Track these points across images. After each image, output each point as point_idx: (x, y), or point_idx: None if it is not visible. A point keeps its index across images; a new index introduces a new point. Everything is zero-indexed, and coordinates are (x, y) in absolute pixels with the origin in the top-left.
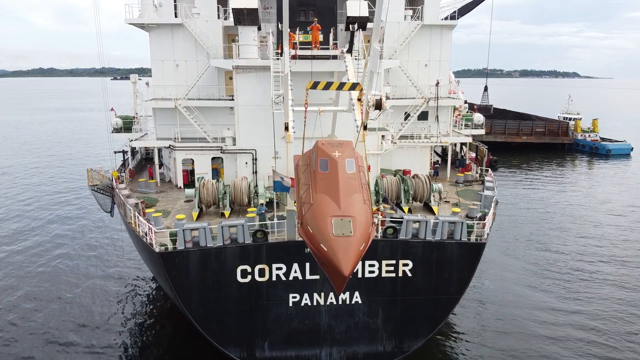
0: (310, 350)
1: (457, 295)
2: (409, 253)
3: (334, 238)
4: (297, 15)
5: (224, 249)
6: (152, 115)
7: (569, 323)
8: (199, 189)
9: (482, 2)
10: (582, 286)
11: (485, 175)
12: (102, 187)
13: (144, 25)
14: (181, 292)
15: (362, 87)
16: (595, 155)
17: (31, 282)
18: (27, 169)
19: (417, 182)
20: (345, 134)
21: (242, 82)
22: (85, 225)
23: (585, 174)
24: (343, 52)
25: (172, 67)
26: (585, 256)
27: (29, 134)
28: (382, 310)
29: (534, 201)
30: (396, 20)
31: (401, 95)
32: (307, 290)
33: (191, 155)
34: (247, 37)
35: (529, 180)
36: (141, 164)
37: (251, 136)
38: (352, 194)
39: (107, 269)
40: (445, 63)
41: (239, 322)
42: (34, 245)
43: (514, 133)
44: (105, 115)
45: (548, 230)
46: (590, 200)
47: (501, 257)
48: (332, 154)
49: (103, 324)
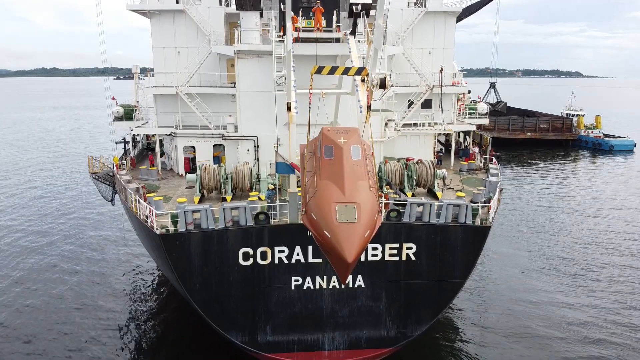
0: (312, 334)
1: (461, 280)
2: (412, 236)
3: (338, 224)
4: (300, 1)
5: (226, 231)
6: (154, 102)
7: (573, 308)
8: (200, 174)
9: (488, 3)
10: (585, 274)
11: (489, 163)
12: (103, 175)
13: (145, 11)
14: (182, 275)
15: (367, 71)
16: (598, 152)
17: (31, 268)
18: (32, 163)
19: (421, 168)
20: (348, 119)
21: (244, 67)
22: (86, 214)
23: (589, 169)
24: (346, 35)
25: (173, 54)
26: (587, 246)
27: (36, 130)
28: (385, 294)
29: (538, 196)
30: (399, 7)
31: (404, 83)
32: (310, 273)
33: (192, 142)
34: (249, 23)
35: (533, 175)
36: (142, 154)
37: (253, 123)
38: (357, 181)
39: (107, 256)
40: (449, 50)
41: (241, 305)
42: (38, 234)
43: (518, 129)
44: (107, 111)
45: (552, 222)
46: (594, 194)
47: (506, 247)
48: (337, 140)
49: (102, 310)
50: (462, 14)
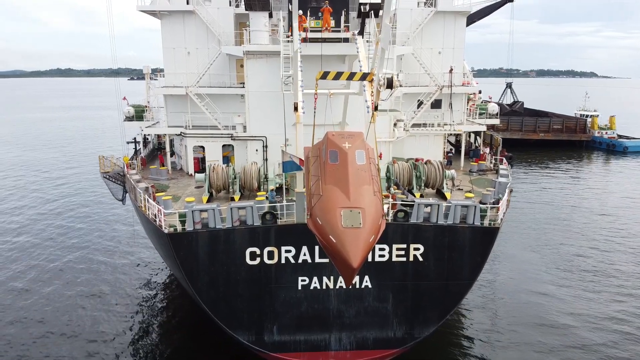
0: (319, 334)
1: (469, 281)
2: (420, 237)
3: (343, 230)
4: (309, 1)
5: (233, 230)
6: (164, 102)
7: (585, 312)
8: (208, 174)
9: (502, 6)
10: (596, 276)
11: (499, 164)
12: (114, 175)
13: (156, 12)
14: (190, 274)
15: (372, 76)
16: (612, 153)
17: (41, 263)
18: (42, 163)
19: (429, 168)
20: (356, 119)
21: (252, 67)
22: (97, 213)
23: (603, 170)
24: (354, 35)
25: (183, 55)
26: (600, 250)
27: (51, 130)
28: (392, 295)
29: (550, 196)
30: (409, 7)
31: (414, 83)
32: (316, 273)
33: (202, 142)
34: (258, 23)
35: (546, 176)
36: (153, 154)
37: (262, 123)
38: (361, 186)
39: (117, 255)
40: (459, 51)
41: (248, 305)
42: (48, 230)
43: (531, 130)
44: (117, 112)
45: (564, 224)
46: (607, 196)
47: (516, 248)
48: (341, 145)
49: (111, 308)
50: (475, 17)
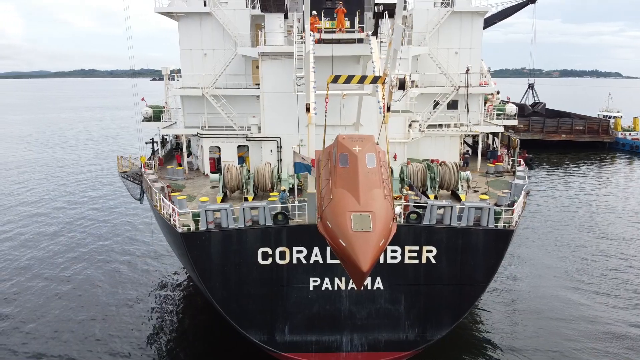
0: (330, 335)
1: (483, 284)
2: (433, 239)
3: (353, 233)
4: (323, 2)
5: (245, 230)
6: (181, 103)
7: (603, 317)
8: (223, 174)
9: (524, 7)
10: (616, 279)
11: (517, 166)
12: (132, 174)
13: (173, 14)
14: (203, 273)
15: (384, 78)
16: (635, 155)
17: (56, 264)
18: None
19: (444, 170)
20: (370, 120)
21: (267, 69)
22: (116, 211)
23: (625, 173)
24: (368, 35)
25: (200, 56)
26: (621, 255)
27: (75, 129)
28: (404, 297)
29: (571, 199)
30: (425, 7)
31: (430, 84)
32: (328, 274)
33: (218, 143)
34: (273, 24)
35: (567, 178)
36: (171, 154)
37: (276, 124)
38: (372, 189)
39: (132, 253)
40: (476, 51)
41: (260, 305)
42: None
43: (552, 131)
44: (135, 112)
45: (583, 227)
46: (630, 199)
47: (533, 251)
48: (352, 148)
49: (125, 305)
50: (496, 18)
